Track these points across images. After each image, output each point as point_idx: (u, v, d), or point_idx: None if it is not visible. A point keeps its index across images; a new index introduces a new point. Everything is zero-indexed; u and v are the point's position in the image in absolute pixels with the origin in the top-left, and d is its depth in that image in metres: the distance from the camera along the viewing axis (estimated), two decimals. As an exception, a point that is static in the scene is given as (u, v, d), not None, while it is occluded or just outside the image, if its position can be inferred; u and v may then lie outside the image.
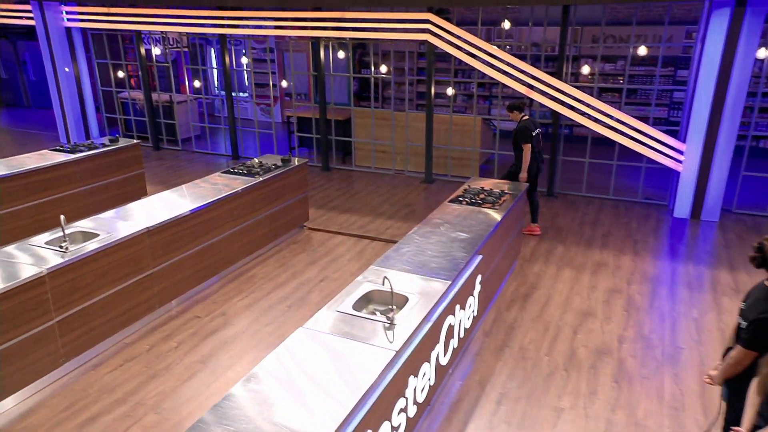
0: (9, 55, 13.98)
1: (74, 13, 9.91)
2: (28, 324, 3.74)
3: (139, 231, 4.47)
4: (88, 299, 4.15)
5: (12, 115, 13.41)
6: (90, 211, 6.91)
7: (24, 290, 3.68)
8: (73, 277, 4.01)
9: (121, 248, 4.35)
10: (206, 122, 10.54)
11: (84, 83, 10.51)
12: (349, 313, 3.21)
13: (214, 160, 9.81)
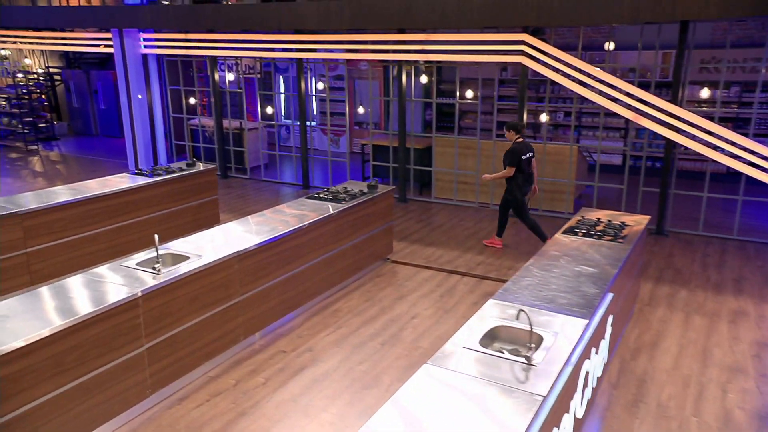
0: (82, 84, 15.07)
1: (151, 39, 10.57)
2: (118, 350, 3.72)
3: (230, 255, 4.46)
4: (178, 326, 4.12)
5: (81, 143, 14.32)
6: (165, 237, 7.06)
7: (118, 312, 3.68)
8: (165, 300, 4.00)
9: (212, 272, 4.34)
10: (277, 150, 10.77)
11: (156, 110, 11.09)
12: (477, 350, 2.97)
13: (283, 189, 9.97)
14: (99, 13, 10.47)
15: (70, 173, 10.95)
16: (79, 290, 3.82)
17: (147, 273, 4.07)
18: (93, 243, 6.25)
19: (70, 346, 3.43)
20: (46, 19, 11.32)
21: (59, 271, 5.97)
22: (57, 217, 5.87)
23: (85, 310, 3.50)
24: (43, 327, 3.29)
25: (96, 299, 3.67)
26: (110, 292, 3.76)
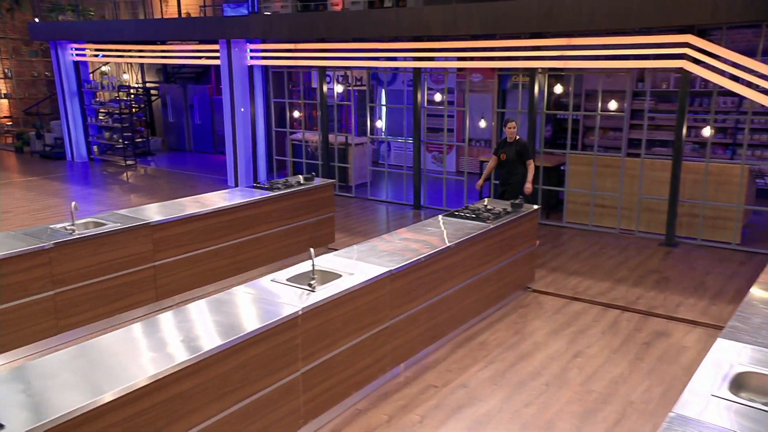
0: (178, 99, 16.03)
1: (258, 50, 11.04)
2: (275, 374, 3.68)
3: (383, 274, 4.36)
4: (332, 349, 4.05)
5: (175, 158, 15.14)
6: (283, 255, 7.17)
7: (278, 332, 3.65)
8: (322, 321, 3.94)
9: (365, 293, 4.25)
10: (386, 167, 10.80)
11: (258, 124, 11.52)
12: (730, 399, 2.64)
13: (393, 209, 9.94)
14: (208, 24, 11.09)
15: (169, 189, 11.52)
16: (237, 306, 3.84)
17: (302, 290, 4.05)
18: (215, 258, 6.42)
19: (234, 366, 3.41)
20: (153, 32, 12.13)
21: (184, 287, 6.16)
22: (184, 230, 6.07)
23: (249, 327, 3.49)
24: (212, 343, 3.30)
25: (256, 316, 3.66)
26: (269, 309, 3.74)
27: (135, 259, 5.70)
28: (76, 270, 5.25)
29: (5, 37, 18.91)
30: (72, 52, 13.83)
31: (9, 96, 19.33)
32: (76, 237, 5.22)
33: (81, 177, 12.82)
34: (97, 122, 14.42)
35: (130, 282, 5.69)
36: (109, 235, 5.46)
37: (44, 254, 5.01)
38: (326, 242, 7.80)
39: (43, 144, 15.22)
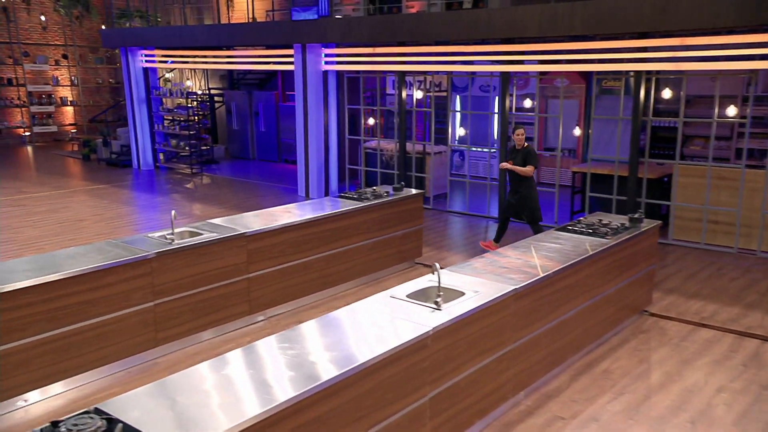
0: (244, 106, 16.41)
1: (332, 55, 11.16)
2: (404, 399, 3.59)
3: (507, 293, 4.23)
4: (456, 374, 3.94)
5: (239, 167, 15.46)
6: (371, 269, 7.14)
7: (409, 353, 3.57)
8: (449, 342, 3.84)
9: (490, 312, 4.13)
10: (468, 177, 10.68)
11: (331, 132, 11.62)
12: None
13: (476, 222, 9.80)
14: (283, 28, 11.30)
15: (238, 198, 11.75)
16: (361, 324, 3.78)
17: (427, 308, 3.96)
18: (305, 271, 6.44)
19: (368, 389, 3.35)
20: (226, 37, 12.46)
21: (275, 300, 6.20)
22: (277, 241, 6.12)
23: (382, 347, 3.43)
24: (347, 363, 3.24)
25: (386, 335, 3.59)
26: (397, 328, 3.67)
27: (230, 271, 5.77)
28: (175, 281, 5.35)
29: (73, 44, 19.92)
30: (142, 59, 14.38)
31: (74, 103, 20.33)
32: (175, 247, 5.32)
33: (148, 185, 13.25)
34: (163, 129, 14.92)
35: (225, 294, 5.76)
36: (207, 246, 5.55)
37: (146, 264, 5.12)
38: (413, 256, 7.73)
39: (110, 151, 15.85)
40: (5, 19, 18.36)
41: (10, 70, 18.66)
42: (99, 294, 4.84)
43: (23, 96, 18.87)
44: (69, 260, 4.91)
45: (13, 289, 4.34)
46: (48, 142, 19.35)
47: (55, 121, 19.72)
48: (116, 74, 21.51)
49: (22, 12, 18.71)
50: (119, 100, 21.26)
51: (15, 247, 8.23)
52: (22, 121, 19.02)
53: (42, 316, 4.51)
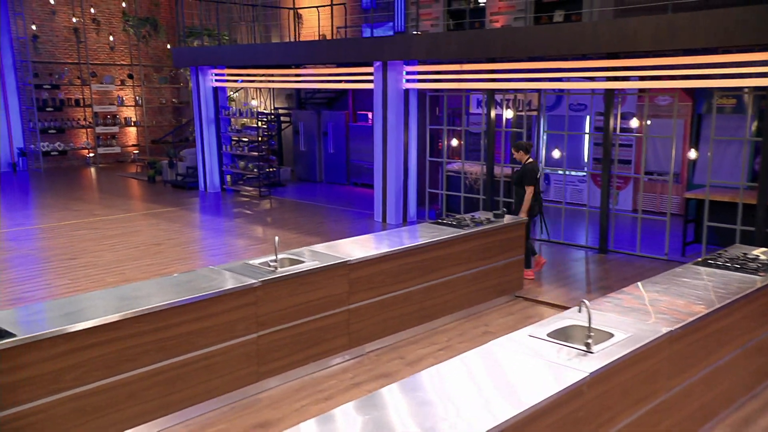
0: (311, 126, 16.66)
1: (414, 73, 11.19)
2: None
3: (662, 335, 3.99)
4: (611, 426, 3.72)
5: (306, 190, 15.63)
6: (471, 301, 6.99)
7: (563, 402, 3.38)
8: (603, 390, 3.64)
9: (644, 357, 3.90)
10: (564, 203, 10.42)
11: (410, 153, 11.59)
12: None
13: (574, 252, 9.51)
14: (364, 45, 11.43)
15: (314, 222, 11.82)
16: (505, 366, 3.62)
17: (575, 350, 3.77)
18: (404, 303, 6.34)
19: (524, 442, 3.19)
20: (304, 54, 12.70)
21: (374, 334, 6.12)
22: (377, 270, 6.06)
23: (535, 394, 3.26)
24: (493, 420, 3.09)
25: (537, 381, 3.42)
26: (548, 372, 3.50)
27: (331, 301, 5.73)
28: (278, 311, 5.34)
29: (138, 64, 20.80)
30: (212, 78, 14.84)
31: (138, 124, 21.14)
32: (279, 275, 5.32)
33: (218, 208, 13.53)
34: (231, 150, 15.28)
35: (325, 326, 5.71)
36: (310, 274, 5.53)
37: (252, 293, 5.13)
38: (514, 289, 7.53)
39: (176, 173, 16.33)
40: (75, 40, 19.34)
41: (78, 90, 19.59)
42: (205, 324, 4.86)
43: (89, 117, 19.75)
44: (175, 288, 4.97)
45: (125, 317, 4.40)
46: (110, 163, 20.12)
47: (119, 142, 20.52)
48: (179, 94, 22.30)
49: (91, 32, 19.69)
50: (182, 121, 22.00)
51: (98, 272, 8.48)
52: (87, 142, 19.87)
53: (152, 346, 4.55)
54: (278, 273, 5.35)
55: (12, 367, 3.87)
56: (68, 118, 19.52)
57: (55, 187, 15.84)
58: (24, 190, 15.64)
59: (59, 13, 19.00)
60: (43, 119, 18.75)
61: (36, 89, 18.33)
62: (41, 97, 18.65)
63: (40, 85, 18.46)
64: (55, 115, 19.19)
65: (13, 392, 3.89)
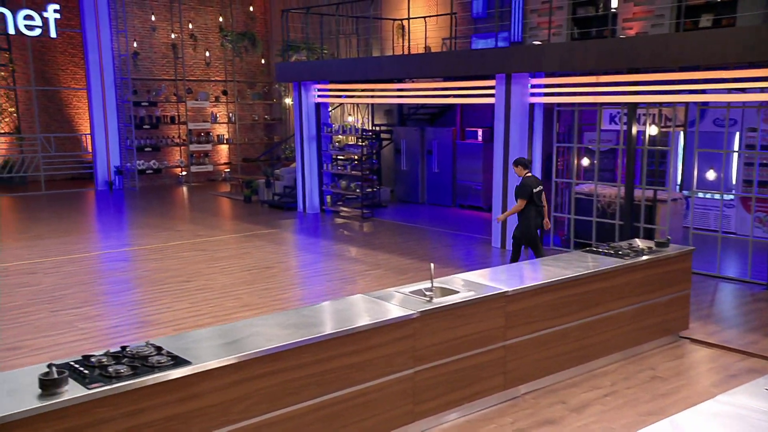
0: (414, 144, 16.71)
1: (541, 86, 10.98)
2: None
3: None
4: None
5: (408, 211, 15.60)
6: (632, 341, 6.66)
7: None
8: None
9: None
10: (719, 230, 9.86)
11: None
12: None
13: (730, 286, 8.96)
14: (485, 56, 11.35)
15: (425, 248, 11.76)
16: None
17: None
18: (562, 341, 6.11)
19: None
20: (416, 68, 12.78)
21: (530, 374, 5.91)
22: (535, 303, 5.87)
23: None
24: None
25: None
26: None
27: (486, 336, 5.58)
28: (434, 345, 5.24)
29: (233, 80, 21.64)
30: (315, 93, 15.17)
31: (230, 141, 21.93)
32: (436, 306, 5.23)
33: (321, 230, 13.72)
34: (332, 169, 15.51)
35: (480, 364, 5.56)
36: (466, 306, 5.41)
37: (409, 324, 5.06)
38: (678, 328, 7.14)
39: (272, 193, 16.74)
40: (173, 56, 20.37)
41: (173, 107, 20.56)
42: (365, 357, 4.82)
43: (183, 134, 20.66)
44: (333, 317, 4.98)
45: (290, 347, 4.41)
46: (202, 182, 20.91)
47: (211, 160, 21.33)
48: (271, 110, 23.01)
49: (188, 48, 20.68)
50: (274, 138, 22.66)
51: (214, 295, 8.70)
52: (180, 161, 20.77)
53: (314, 379, 4.54)
54: (435, 303, 5.26)
55: (185, 396, 3.94)
56: (163, 135, 20.49)
57: (152, 206, 16.57)
58: (123, 209, 16.46)
59: (159, 29, 20.08)
60: (139, 137, 19.76)
61: (134, 106, 19.36)
62: (138, 115, 19.67)
63: (138, 102, 19.49)
64: (151, 133, 20.20)
65: (185, 423, 3.95)
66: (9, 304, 8.15)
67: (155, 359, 3.89)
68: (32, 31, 16.76)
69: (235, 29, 21.00)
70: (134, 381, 3.67)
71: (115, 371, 3.67)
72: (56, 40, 18.68)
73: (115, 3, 18.89)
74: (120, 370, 3.69)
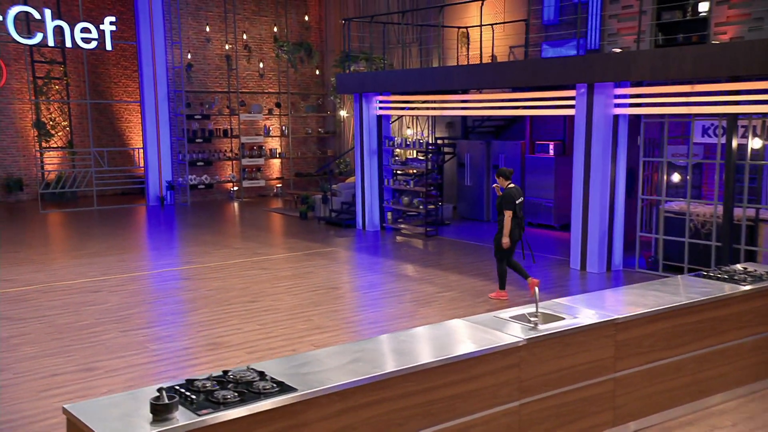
0: (479, 158, 16.54)
1: (626, 96, 10.72)
2: None
3: None
4: None
5: (472, 230, 15.39)
6: (749, 377, 6.33)
7: None
8: None
9: None
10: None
11: (618, 191, 11.05)
12: None
13: None
14: (566, 65, 11.15)
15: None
16: None
17: None
18: (675, 374, 5.84)
19: None
20: (490, 78, 12.68)
21: (641, 410, 5.66)
22: (647, 332, 5.62)
23: None
24: None
25: None
26: None
27: (595, 368, 5.36)
28: (541, 376, 5.05)
29: (287, 91, 21.89)
30: (376, 105, 15.18)
31: (282, 155, 22.14)
32: (543, 333, 5.05)
33: (383, 248, 13.64)
34: (393, 185, 15.45)
35: (588, 397, 5.34)
36: (573, 334, 5.21)
37: (515, 353, 4.89)
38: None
39: (329, 209, 16.77)
40: (227, 68, 20.73)
41: (226, 120, 20.89)
42: (470, 387, 4.67)
43: (235, 148, 20.94)
44: (430, 343, 4.86)
45: (394, 376, 4.29)
46: (253, 197, 21.13)
47: (263, 174, 21.56)
48: (324, 123, 23.18)
49: (242, 59, 21.03)
50: (327, 152, 22.79)
51: (284, 317, 8.68)
52: (232, 175, 21.04)
53: (419, 410, 4.41)
54: (541, 330, 5.08)
55: (293, 424, 3.85)
56: (215, 149, 20.80)
57: (206, 222, 16.77)
58: (177, 225, 16.70)
59: (213, 40, 20.48)
60: (191, 151, 20.09)
61: (187, 119, 19.72)
62: (191, 128, 20.02)
63: (191, 116, 19.85)
64: (203, 147, 20.53)
65: (287, 457, 3.86)
66: (78, 323, 8.27)
67: (260, 385, 3.82)
68: (89, 44, 17.24)
69: (290, 39, 21.27)
70: (242, 408, 3.60)
71: (222, 397, 3.61)
72: (109, 52, 19.22)
73: (170, 14, 19.34)
74: (227, 396, 3.63)
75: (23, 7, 16.71)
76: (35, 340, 7.68)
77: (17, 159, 19.40)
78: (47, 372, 6.72)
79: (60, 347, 7.43)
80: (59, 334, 7.84)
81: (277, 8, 21.54)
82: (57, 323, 8.26)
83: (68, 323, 8.27)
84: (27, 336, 7.80)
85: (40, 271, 11.08)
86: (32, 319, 8.41)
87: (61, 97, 19.77)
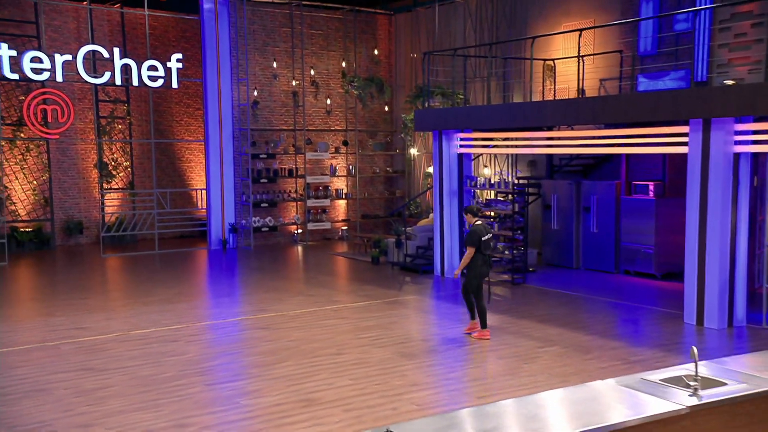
0: (568, 200, 16.20)
1: (748, 132, 10.32)
2: None
3: None
4: None
5: (561, 278, 14.95)
6: None
7: None
8: None
9: None
10: None
11: (739, 236, 10.58)
12: None
13: None
14: (677, 99, 10.83)
15: (607, 322, 11.16)
16: None
17: None
18: None
19: None
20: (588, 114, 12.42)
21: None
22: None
23: None
24: None
25: None
26: None
27: (763, 440, 4.97)
28: (706, 450, 4.71)
29: (354, 129, 22.04)
30: (457, 143, 15.08)
31: (349, 196, 22.18)
32: (709, 400, 4.71)
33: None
34: (475, 228, 15.22)
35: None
36: (743, 402, 4.85)
37: (677, 422, 4.57)
38: None
39: (403, 254, 16.60)
40: (293, 105, 21.03)
41: (291, 159, 21.09)
42: (629, 461, 4.36)
43: (300, 188, 21.08)
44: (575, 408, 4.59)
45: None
46: (317, 240, 21.14)
47: (328, 216, 21.61)
48: (393, 162, 23.19)
49: (309, 96, 21.32)
50: (395, 193, 22.74)
51: (375, 371, 8.50)
52: (297, 217, 21.14)
53: (577, 488, 4.12)
54: (705, 397, 4.75)
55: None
56: (280, 190, 20.98)
57: (272, 267, 16.82)
58: (243, 271, 16.79)
59: (279, 76, 20.85)
60: (255, 191, 20.29)
61: (251, 159, 19.97)
62: (256, 168, 20.26)
63: (256, 155, 20.11)
64: (267, 187, 20.72)
65: None
66: (161, 375, 8.24)
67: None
68: (155, 81, 17.74)
69: (359, 74, 21.48)
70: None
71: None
72: (171, 90, 19.74)
73: (237, 50, 19.79)
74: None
75: (93, 46, 17.34)
76: (121, 392, 7.67)
77: (78, 201, 19.94)
78: (139, 428, 6.68)
79: (147, 401, 7.41)
80: (144, 387, 7.82)
81: (346, 42, 21.83)
82: (140, 375, 8.26)
83: (151, 375, 8.26)
84: (112, 388, 7.81)
85: (112, 318, 11.20)
86: (114, 370, 8.43)
87: (124, 137, 20.33)
